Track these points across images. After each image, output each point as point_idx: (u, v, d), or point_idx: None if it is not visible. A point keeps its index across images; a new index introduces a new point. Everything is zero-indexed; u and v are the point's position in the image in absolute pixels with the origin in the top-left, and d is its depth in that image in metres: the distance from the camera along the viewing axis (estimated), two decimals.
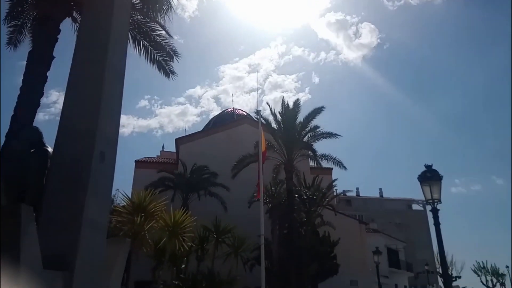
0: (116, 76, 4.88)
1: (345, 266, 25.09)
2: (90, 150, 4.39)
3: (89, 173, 4.28)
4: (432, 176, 7.91)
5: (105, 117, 4.63)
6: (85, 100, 4.61)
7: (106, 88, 4.60)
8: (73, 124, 4.55)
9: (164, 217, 7.99)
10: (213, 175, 24.54)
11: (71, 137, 4.49)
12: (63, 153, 4.50)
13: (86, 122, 4.52)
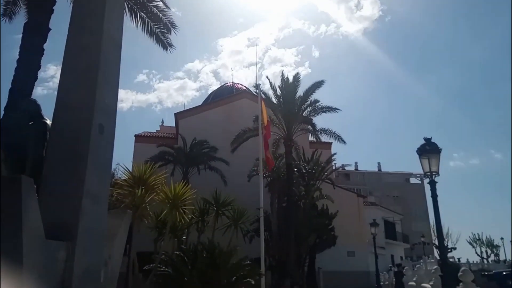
0: (113, 46, 4.81)
1: (343, 238, 25.58)
2: (88, 121, 4.37)
3: (88, 145, 4.28)
4: (431, 149, 7.94)
5: (103, 88, 4.59)
6: (82, 70, 4.56)
7: (103, 57, 4.54)
8: (70, 95, 4.52)
9: (165, 190, 8.06)
10: (212, 150, 24.64)
11: (69, 108, 4.46)
12: (61, 125, 4.48)
13: (83, 93, 4.49)
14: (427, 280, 11.54)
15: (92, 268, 4.19)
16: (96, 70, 4.47)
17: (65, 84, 4.60)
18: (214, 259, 8.22)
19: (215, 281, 8.05)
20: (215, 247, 8.74)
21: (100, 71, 4.49)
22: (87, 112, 4.45)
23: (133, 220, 7.52)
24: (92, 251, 4.19)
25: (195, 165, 24.17)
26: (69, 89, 4.55)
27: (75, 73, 4.57)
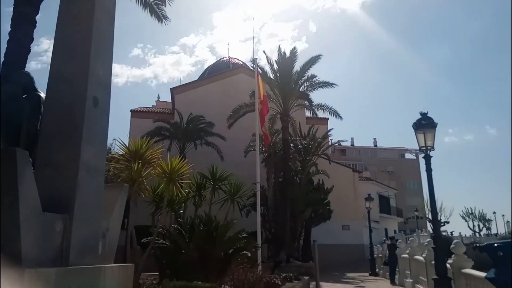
0: (106, 16, 4.69)
1: (338, 212, 25.99)
2: (82, 94, 4.31)
3: (82, 117, 4.24)
4: (426, 123, 7.95)
5: (96, 59, 4.51)
6: (74, 40, 4.46)
7: (96, 27, 4.43)
8: (63, 67, 4.43)
9: (161, 164, 8.07)
10: (209, 125, 24.58)
11: (62, 80, 4.39)
12: (55, 98, 4.42)
13: (76, 64, 4.40)
14: (420, 253, 11.80)
15: (90, 240, 4.23)
16: (89, 41, 4.37)
17: (57, 56, 4.51)
18: (211, 232, 8.34)
19: (212, 253, 8.19)
20: (212, 220, 8.85)
21: (93, 42, 4.39)
22: (80, 84, 4.38)
23: (130, 194, 7.56)
24: (89, 223, 4.22)
25: (192, 140, 24.18)
26: (62, 61, 4.46)
27: (68, 44, 4.47)
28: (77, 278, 3.69)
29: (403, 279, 14.19)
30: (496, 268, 4.71)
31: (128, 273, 4.84)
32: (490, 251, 4.82)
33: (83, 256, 4.06)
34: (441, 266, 7.77)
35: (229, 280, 6.20)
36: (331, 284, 15.27)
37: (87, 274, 3.93)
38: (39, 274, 3.26)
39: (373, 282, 16.34)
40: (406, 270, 13.79)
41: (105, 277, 4.18)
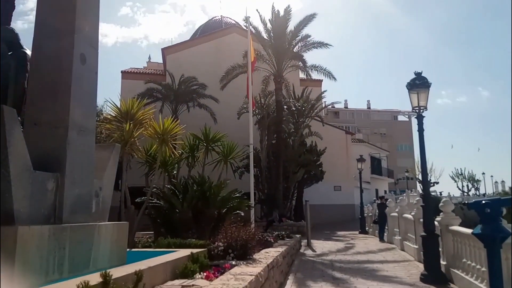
0: None
1: (330, 174, 26.35)
2: (69, 50, 4.18)
3: (70, 75, 4.13)
4: (420, 83, 7.89)
5: (83, 15, 4.34)
6: None
7: None
8: (49, 23, 4.26)
9: (153, 125, 8.00)
10: (201, 86, 24.27)
11: (48, 36, 4.24)
12: (42, 55, 4.29)
13: (62, 20, 4.24)
14: (409, 211, 12.09)
15: (83, 199, 4.25)
16: None
17: (42, 10, 4.33)
18: (205, 192, 8.44)
19: (205, 212, 8.33)
20: (206, 180, 8.93)
21: None
22: (67, 41, 4.24)
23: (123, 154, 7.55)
24: (82, 182, 4.22)
25: (184, 102, 23.95)
26: (47, 15, 4.29)
27: None
28: (71, 235, 3.73)
29: (391, 237, 14.64)
30: (482, 224, 4.83)
31: (123, 231, 4.92)
32: (478, 208, 4.92)
33: (76, 214, 4.09)
34: (429, 224, 7.99)
35: (222, 238, 6.32)
36: (322, 242, 15.73)
37: (81, 231, 3.97)
38: (32, 231, 3.29)
39: (362, 240, 16.85)
40: (395, 228, 14.19)
41: (99, 235, 4.23)
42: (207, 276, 4.58)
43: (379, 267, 9.47)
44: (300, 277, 8.29)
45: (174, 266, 4.71)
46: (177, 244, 6.36)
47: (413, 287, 7.27)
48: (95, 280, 2.93)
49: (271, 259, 6.53)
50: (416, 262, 9.93)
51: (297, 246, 12.55)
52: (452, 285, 7.32)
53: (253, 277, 4.60)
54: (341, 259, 10.99)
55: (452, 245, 7.74)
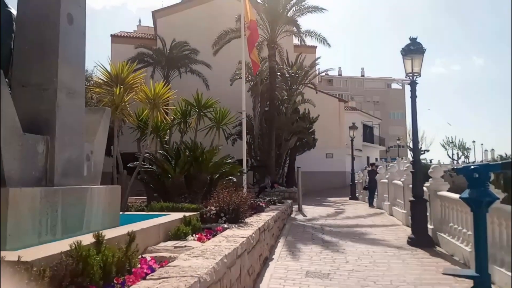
0: None
1: (323, 141, 26.51)
2: (56, 9, 4.04)
3: (57, 35, 4.01)
4: (415, 49, 7.82)
5: None
6: None
7: None
8: None
9: (144, 89, 7.88)
10: (193, 52, 23.81)
11: None
12: (28, 14, 4.14)
13: None
14: (399, 178, 12.29)
15: (74, 162, 4.23)
16: None
17: None
18: (197, 157, 8.45)
19: (198, 177, 8.38)
20: (198, 146, 8.93)
21: None
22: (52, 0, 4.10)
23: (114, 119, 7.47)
24: (72, 145, 4.18)
25: (176, 68, 23.56)
26: None
27: None
28: (63, 198, 3.74)
29: (381, 202, 14.95)
30: (470, 189, 4.93)
31: (116, 194, 4.94)
32: (466, 173, 5.00)
33: (68, 177, 4.08)
34: (418, 189, 8.15)
35: (214, 202, 6.39)
36: (312, 207, 16.03)
37: (74, 194, 3.98)
38: (24, 193, 3.28)
39: (352, 205, 17.20)
40: (384, 194, 14.46)
41: (92, 198, 4.25)
42: (199, 238, 4.66)
43: (367, 231, 9.72)
44: (290, 240, 8.49)
45: (167, 229, 4.78)
46: (169, 208, 6.43)
47: (400, 249, 7.50)
48: (88, 240, 2.96)
49: (263, 222, 6.65)
50: (404, 226, 10.20)
51: (288, 211, 12.78)
52: (438, 248, 7.56)
53: (245, 239, 4.69)
54: (331, 224, 11.24)
55: (440, 210, 7.94)
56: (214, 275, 3.17)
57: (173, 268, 3.06)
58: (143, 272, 2.91)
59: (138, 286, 2.58)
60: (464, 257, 6.32)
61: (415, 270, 6.07)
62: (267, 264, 6.42)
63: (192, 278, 2.76)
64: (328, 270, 6.02)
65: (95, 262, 2.63)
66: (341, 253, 7.23)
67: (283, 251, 7.43)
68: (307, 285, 5.27)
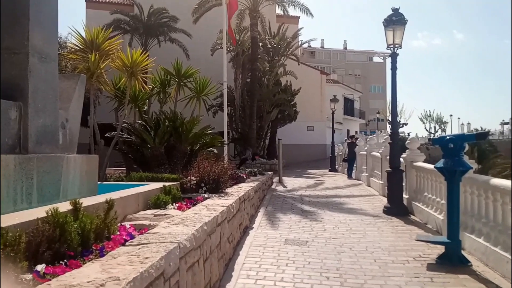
0: None
1: (304, 113, 26.60)
2: None
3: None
4: (397, 19, 7.79)
5: None
6: None
7: None
8: None
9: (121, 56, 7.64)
10: (172, 19, 23.09)
11: None
12: None
13: None
14: (377, 150, 12.52)
15: (48, 129, 4.11)
16: None
17: None
18: (177, 127, 8.36)
19: (178, 148, 8.32)
20: (178, 116, 8.82)
21: None
22: None
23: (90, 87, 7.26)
24: (46, 112, 4.06)
25: (155, 36, 22.87)
26: None
27: None
28: (38, 166, 3.65)
29: (359, 174, 15.25)
30: (445, 158, 5.06)
31: (93, 163, 4.85)
32: (441, 143, 5.13)
33: (42, 145, 3.98)
34: (395, 159, 8.32)
35: (195, 172, 6.38)
36: (293, 179, 16.24)
37: (49, 162, 3.88)
38: None
39: (331, 177, 17.50)
40: (363, 165, 14.74)
41: (68, 166, 4.16)
42: (179, 207, 4.67)
43: (345, 201, 9.94)
44: (270, 210, 8.62)
45: (146, 197, 4.76)
46: (149, 178, 6.39)
47: (376, 218, 7.73)
48: (65, 208, 2.92)
49: (243, 192, 6.71)
50: (380, 197, 10.47)
51: (268, 182, 12.92)
52: (412, 216, 7.81)
53: (225, 208, 4.72)
54: (310, 194, 11.44)
55: (415, 180, 8.16)
56: (194, 241, 3.19)
57: (152, 235, 3.06)
58: (122, 239, 2.91)
59: (117, 252, 2.57)
60: (437, 224, 6.55)
61: (389, 237, 6.27)
62: (247, 232, 6.52)
63: (172, 244, 2.77)
64: (307, 238, 6.16)
65: (72, 229, 2.61)
66: (319, 222, 7.40)
67: (263, 220, 7.55)
68: (285, 252, 5.40)
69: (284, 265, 4.85)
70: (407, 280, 4.33)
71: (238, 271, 4.60)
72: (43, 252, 2.37)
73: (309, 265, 4.84)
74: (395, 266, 4.84)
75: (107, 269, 2.15)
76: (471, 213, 5.44)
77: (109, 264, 2.27)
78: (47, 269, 2.16)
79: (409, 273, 4.56)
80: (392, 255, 5.29)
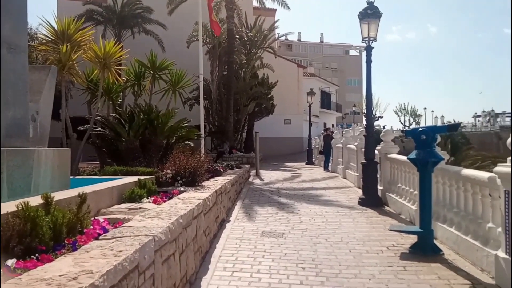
0: None
1: (281, 107, 26.69)
2: None
3: None
4: (372, 13, 7.89)
5: None
6: None
7: None
8: None
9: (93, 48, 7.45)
10: (147, 10, 22.64)
11: None
12: None
13: None
14: (353, 142, 12.71)
15: (18, 122, 3.99)
16: None
17: None
18: (152, 120, 8.24)
19: (153, 141, 8.21)
20: (153, 109, 8.70)
21: None
22: None
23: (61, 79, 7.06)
24: (15, 104, 3.93)
25: (129, 27, 22.39)
26: None
27: None
28: (8, 159, 3.53)
29: (335, 166, 15.46)
30: (417, 150, 5.19)
31: (65, 157, 4.73)
32: (414, 135, 5.26)
33: (12, 138, 3.86)
34: (370, 152, 8.48)
35: (171, 165, 6.32)
36: (270, 172, 16.32)
37: (19, 155, 3.77)
38: None
39: (308, 170, 17.68)
40: (339, 158, 14.95)
41: (39, 160, 4.05)
42: (154, 201, 4.62)
43: (322, 193, 10.07)
44: (247, 203, 8.65)
45: (120, 191, 4.69)
46: (124, 171, 6.29)
47: (351, 209, 7.87)
48: (36, 202, 2.85)
49: (220, 185, 6.69)
50: (356, 188, 10.66)
51: (246, 176, 12.93)
52: (387, 207, 8.00)
53: (201, 201, 4.71)
54: (287, 187, 11.53)
55: (389, 172, 8.34)
56: (170, 234, 3.17)
57: (127, 228, 3.02)
58: (96, 233, 2.86)
59: (90, 246, 2.53)
60: (410, 215, 6.73)
61: (364, 228, 6.41)
62: (224, 225, 6.52)
63: (147, 237, 2.74)
64: (283, 230, 6.22)
65: (44, 223, 2.55)
66: (295, 214, 7.48)
67: (240, 213, 7.56)
68: (262, 244, 5.43)
69: (261, 257, 4.89)
70: (381, 269, 4.44)
71: (214, 263, 4.60)
72: (14, 247, 2.32)
73: (285, 257, 4.89)
74: (369, 255, 4.95)
75: (80, 263, 2.12)
76: (443, 203, 5.60)
77: (82, 257, 2.23)
78: (18, 263, 2.12)
79: (383, 262, 4.67)
80: (367, 245, 5.40)
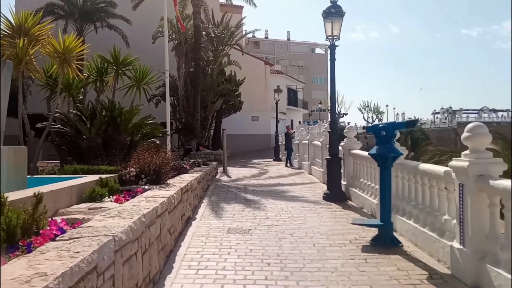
0: None
1: (248, 104, 26.74)
2: None
3: None
4: (335, 12, 8.03)
5: None
6: None
7: None
8: None
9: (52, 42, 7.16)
10: (110, 4, 22.03)
11: None
12: None
13: None
14: (318, 139, 12.92)
15: None
16: None
17: None
18: (115, 117, 8.04)
19: (117, 139, 8.01)
20: (116, 106, 8.48)
21: None
22: None
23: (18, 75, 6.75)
24: None
25: (91, 22, 21.71)
26: None
27: None
28: None
29: (301, 162, 15.68)
30: (378, 145, 5.35)
31: (21, 156, 4.55)
32: (375, 131, 5.41)
33: None
34: (334, 148, 8.66)
35: (134, 163, 6.19)
36: (237, 169, 16.32)
37: None
38: None
39: (275, 166, 17.82)
40: (305, 154, 15.17)
41: None
42: (116, 199, 4.52)
43: (288, 189, 10.19)
44: (214, 200, 8.62)
45: (80, 191, 4.55)
46: (84, 170, 6.11)
47: (316, 204, 8.01)
48: None
49: (185, 183, 6.63)
50: (321, 184, 10.85)
51: (213, 173, 12.87)
52: (350, 202, 8.19)
53: (165, 199, 4.64)
54: (254, 183, 11.58)
55: (352, 167, 8.55)
56: (131, 234, 3.11)
57: (85, 228, 2.94)
58: (52, 234, 2.76)
59: (45, 247, 2.44)
60: (372, 208, 6.93)
61: (328, 222, 6.54)
62: (190, 223, 6.47)
63: (106, 237, 2.68)
64: (249, 226, 6.24)
65: None
66: (262, 210, 7.52)
67: (207, 211, 7.53)
68: (228, 241, 5.43)
69: (226, 254, 4.89)
70: (343, 262, 4.55)
71: (179, 262, 4.56)
72: None
73: (251, 253, 4.92)
74: (333, 249, 5.06)
75: (34, 265, 2.05)
76: (402, 197, 5.80)
77: (37, 260, 2.16)
78: None
79: (345, 255, 4.79)
80: (330, 239, 5.52)
